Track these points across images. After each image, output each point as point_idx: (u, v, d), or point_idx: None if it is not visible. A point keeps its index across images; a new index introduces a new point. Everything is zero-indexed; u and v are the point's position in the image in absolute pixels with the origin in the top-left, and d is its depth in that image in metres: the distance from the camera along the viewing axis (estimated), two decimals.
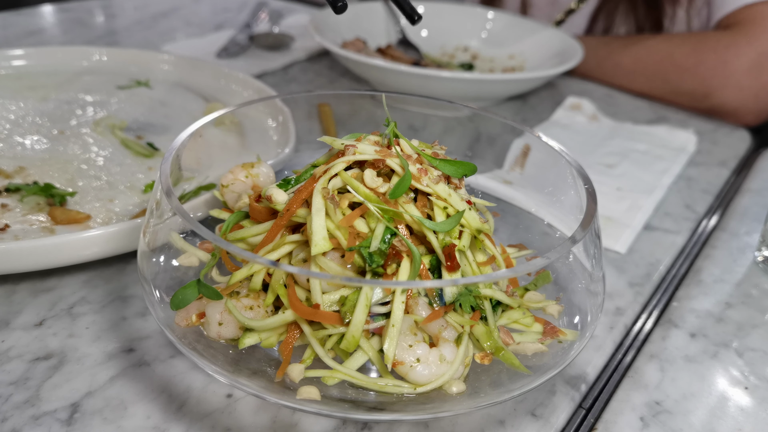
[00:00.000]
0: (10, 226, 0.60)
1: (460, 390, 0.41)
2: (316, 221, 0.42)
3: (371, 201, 0.43)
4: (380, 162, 0.45)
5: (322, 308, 0.41)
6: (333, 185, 0.44)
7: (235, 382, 0.41)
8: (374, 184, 0.44)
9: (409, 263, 0.42)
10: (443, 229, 0.43)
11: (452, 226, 0.43)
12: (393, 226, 0.43)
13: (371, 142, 0.47)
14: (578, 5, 1.28)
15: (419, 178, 0.44)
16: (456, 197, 0.45)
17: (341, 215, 0.43)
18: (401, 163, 0.45)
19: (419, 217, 0.43)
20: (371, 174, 0.45)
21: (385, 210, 0.43)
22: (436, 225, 0.43)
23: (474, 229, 0.45)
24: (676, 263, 0.70)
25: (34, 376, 0.48)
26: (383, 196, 0.44)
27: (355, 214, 0.43)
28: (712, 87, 1.04)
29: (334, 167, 0.45)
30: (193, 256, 0.49)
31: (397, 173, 0.45)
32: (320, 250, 0.41)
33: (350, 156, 0.45)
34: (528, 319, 0.47)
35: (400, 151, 0.46)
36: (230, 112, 0.56)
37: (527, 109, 1.05)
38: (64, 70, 0.95)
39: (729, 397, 0.52)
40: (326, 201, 0.43)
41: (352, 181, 0.44)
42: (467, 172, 0.47)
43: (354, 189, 0.44)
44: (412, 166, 0.45)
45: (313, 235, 0.41)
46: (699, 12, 1.16)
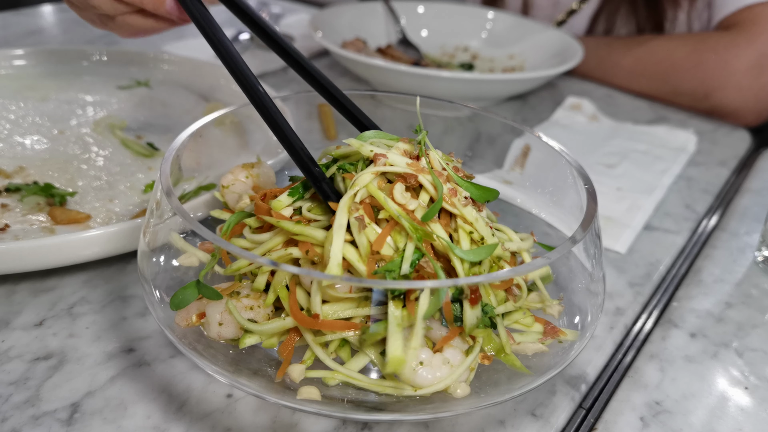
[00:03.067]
0: (10, 226, 0.60)
1: (464, 393, 0.41)
2: (335, 244, 0.40)
3: (403, 217, 0.41)
4: (412, 177, 0.43)
5: (322, 318, 0.41)
6: (359, 197, 0.42)
7: (235, 382, 0.41)
8: (404, 200, 0.42)
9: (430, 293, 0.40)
10: (473, 259, 0.41)
11: (484, 257, 0.42)
12: (422, 246, 0.41)
13: (401, 151, 0.45)
14: (580, 6, 1.28)
15: (449, 198, 0.43)
16: (482, 222, 0.44)
17: (364, 237, 0.41)
18: (434, 182, 0.43)
19: (448, 243, 0.41)
20: (401, 189, 0.43)
21: (416, 229, 0.41)
22: (466, 254, 0.41)
23: (495, 258, 0.44)
24: (676, 263, 0.70)
25: (34, 376, 0.48)
26: (412, 213, 0.42)
27: (385, 233, 0.41)
28: (712, 87, 1.04)
29: (362, 178, 0.43)
30: (193, 256, 0.49)
31: (426, 190, 0.43)
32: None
33: (381, 167, 0.43)
34: (528, 319, 0.47)
35: (431, 165, 0.44)
36: (230, 112, 0.56)
37: (527, 109, 1.05)
38: (64, 70, 0.95)
39: (729, 397, 0.52)
40: (351, 217, 0.41)
41: (382, 196, 0.42)
42: (490, 197, 0.46)
43: (382, 204, 0.42)
44: (443, 185, 0.43)
45: (330, 260, 0.40)
46: (700, 14, 1.16)
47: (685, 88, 1.07)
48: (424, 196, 0.44)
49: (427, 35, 1.27)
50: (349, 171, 0.46)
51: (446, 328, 0.42)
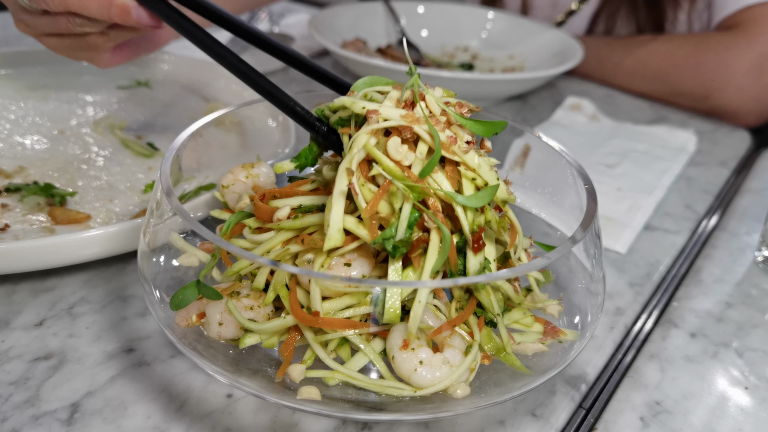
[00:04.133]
0: (10, 226, 0.60)
1: (465, 393, 0.41)
2: (335, 210, 0.40)
3: (396, 177, 0.40)
4: (407, 130, 0.41)
5: (322, 315, 0.41)
6: (356, 160, 0.41)
7: (235, 382, 0.41)
8: (399, 155, 0.41)
9: (438, 242, 0.39)
10: (475, 204, 0.40)
11: (485, 201, 0.40)
12: (420, 203, 0.40)
13: (394, 101, 0.43)
14: (579, 6, 1.28)
15: (449, 147, 0.41)
16: (485, 166, 0.42)
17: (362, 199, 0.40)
18: (431, 131, 0.41)
19: (451, 192, 0.40)
20: (396, 144, 0.41)
21: (412, 188, 0.39)
22: (467, 199, 0.40)
23: (500, 200, 0.43)
24: (676, 263, 0.70)
25: (34, 376, 0.48)
26: (408, 170, 0.41)
27: (379, 196, 0.40)
28: (712, 88, 1.04)
29: (358, 140, 0.41)
30: (193, 256, 0.49)
31: (424, 140, 0.41)
32: (334, 244, 0.40)
33: (374, 125, 0.41)
34: (528, 319, 0.47)
35: (427, 111, 0.42)
36: (230, 112, 0.56)
37: (527, 109, 1.05)
38: (64, 70, 0.94)
39: (729, 397, 0.52)
40: (351, 179, 0.40)
41: (379, 155, 0.41)
42: (497, 130, 0.44)
43: (379, 162, 0.40)
44: (441, 132, 0.41)
45: (330, 227, 0.39)
46: (700, 15, 1.16)
47: (685, 89, 1.07)
48: (423, 147, 0.42)
49: (427, 35, 1.27)
50: (344, 126, 0.44)
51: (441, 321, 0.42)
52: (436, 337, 0.42)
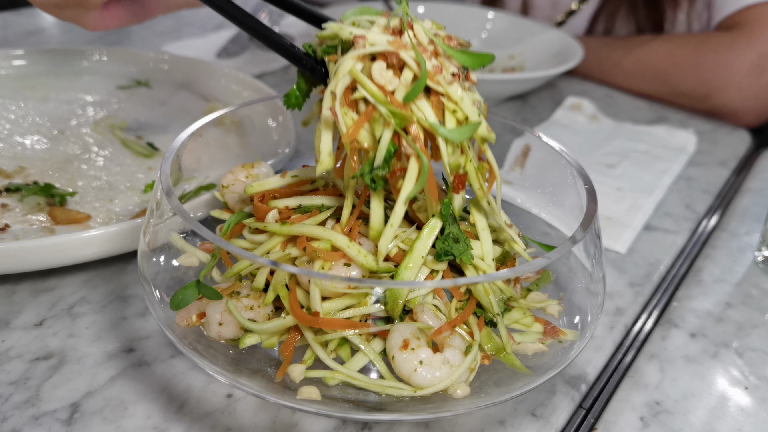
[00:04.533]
0: (10, 226, 0.60)
1: (465, 393, 0.41)
2: (324, 137, 0.40)
3: (379, 101, 0.40)
4: (393, 55, 0.40)
5: (322, 315, 0.41)
6: (341, 85, 0.41)
7: (235, 382, 0.41)
8: (383, 80, 0.40)
9: (417, 171, 0.39)
10: (456, 138, 0.40)
11: (466, 136, 0.40)
12: (401, 130, 0.39)
13: (381, 28, 0.42)
14: (579, 6, 1.28)
15: (433, 76, 0.40)
16: (468, 101, 0.42)
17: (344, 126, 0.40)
18: (417, 58, 0.40)
19: (434, 123, 0.40)
20: (380, 68, 0.40)
21: (394, 113, 0.39)
22: (449, 132, 0.40)
23: (480, 138, 0.42)
24: (676, 263, 0.70)
25: (34, 376, 0.48)
26: (392, 95, 0.40)
27: (361, 121, 0.40)
28: (712, 88, 1.04)
29: (343, 65, 0.40)
30: (193, 256, 0.49)
31: (410, 67, 0.40)
32: (325, 167, 0.40)
33: (360, 50, 0.40)
34: (528, 319, 0.47)
35: (414, 39, 0.41)
36: (230, 112, 0.56)
37: (527, 109, 1.05)
38: (64, 70, 0.95)
39: (729, 397, 0.52)
40: (334, 105, 0.39)
41: (362, 77, 0.40)
42: (485, 62, 0.43)
43: (362, 85, 0.40)
44: (428, 60, 0.41)
45: (320, 153, 0.40)
46: (699, 15, 1.16)
47: (685, 89, 1.07)
48: (408, 73, 0.41)
49: None
50: (331, 53, 0.44)
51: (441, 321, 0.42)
52: (436, 337, 0.42)
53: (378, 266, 0.42)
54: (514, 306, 0.48)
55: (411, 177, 0.40)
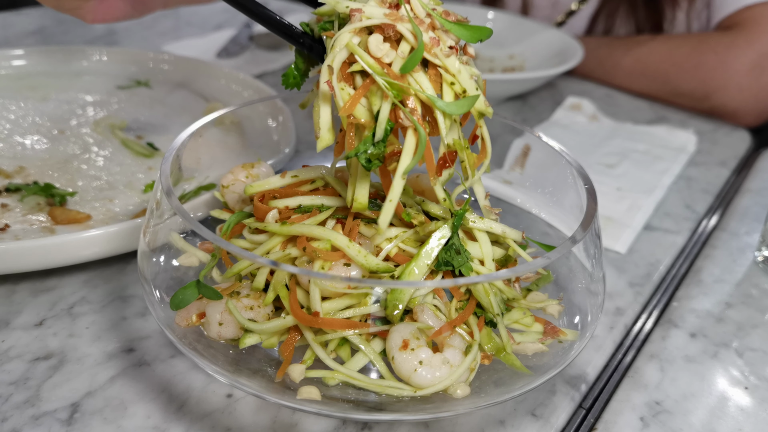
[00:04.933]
0: (10, 226, 0.60)
1: (465, 393, 0.41)
2: (322, 112, 0.40)
3: (376, 73, 0.39)
4: (390, 27, 0.40)
5: (322, 315, 0.41)
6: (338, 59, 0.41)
7: (235, 382, 0.41)
8: (380, 52, 0.40)
9: (414, 144, 0.39)
10: (454, 111, 0.40)
11: (464, 110, 0.40)
12: (399, 102, 0.39)
13: (378, 1, 0.42)
14: (579, 6, 1.28)
15: (430, 48, 0.40)
16: (465, 74, 0.41)
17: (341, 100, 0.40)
18: (414, 30, 0.40)
19: (432, 96, 0.40)
20: (377, 41, 0.40)
21: (392, 84, 0.39)
22: (447, 105, 0.40)
23: (477, 112, 0.42)
24: (676, 263, 0.70)
25: (34, 376, 0.48)
26: (389, 68, 0.40)
27: (358, 94, 0.40)
28: (712, 88, 1.04)
29: (340, 39, 0.40)
30: (193, 256, 0.49)
31: (407, 40, 0.40)
32: (326, 144, 0.40)
33: (357, 23, 0.40)
34: (528, 319, 0.47)
35: (411, 13, 0.41)
36: (230, 112, 0.56)
37: (527, 109, 1.05)
38: (64, 70, 0.94)
39: (729, 397, 0.52)
40: (331, 78, 0.39)
41: (358, 50, 0.40)
42: (482, 36, 0.43)
43: (360, 58, 0.40)
44: (425, 33, 0.40)
45: (320, 129, 0.40)
46: (699, 14, 1.16)
47: (685, 89, 1.07)
48: (405, 46, 0.41)
49: None
50: (329, 30, 0.44)
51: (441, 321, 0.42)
52: (437, 337, 0.42)
53: (378, 266, 0.42)
54: (514, 306, 0.48)
55: (408, 150, 0.39)
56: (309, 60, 0.47)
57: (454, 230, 0.44)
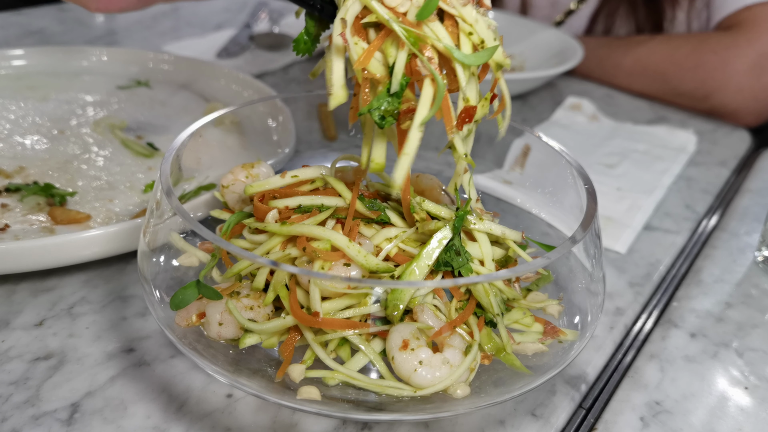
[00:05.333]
0: (10, 226, 0.60)
1: (465, 393, 0.41)
2: (335, 67, 0.38)
3: (392, 20, 0.38)
4: None
5: (322, 316, 0.41)
6: (351, 12, 0.39)
7: (235, 382, 0.41)
8: (394, 2, 0.39)
9: (432, 95, 0.38)
10: (473, 62, 0.39)
11: (483, 60, 0.39)
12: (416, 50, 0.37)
13: None
14: (578, 6, 1.28)
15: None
16: (483, 24, 0.40)
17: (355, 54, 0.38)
18: None
19: (450, 46, 0.38)
20: None
21: (408, 32, 0.38)
22: (465, 56, 0.39)
23: (495, 64, 0.41)
24: (676, 263, 0.70)
25: (34, 376, 0.48)
26: (404, 17, 0.39)
27: (374, 46, 0.38)
28: (712, 88, 1.04)
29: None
30: (193, 256, 0.49)
31: None
32: (339, 101, 0.39)
33: None
34: (528, 319, 0.47)
35: None
36: (230, 112, 0.56)
37: (527, 109, 1.05)
38: (64, 70, 0.94)
39: (729, 397, 0.52)
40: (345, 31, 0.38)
41: (372, 2, 0.39)
42: None
43: (373, 10, 0.39)
44: None
45: (333, 86, 0.38)
46: (699, 14, 1.16)
47: (685, 89, 1.07)
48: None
49: None
50: None
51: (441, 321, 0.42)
52: (437, 338, 0.42)
53: (378, 266, 0.42)
54: (514, 306, 0.48)
55: (426, 101, 0.38)
56: (320, 23, 0.46)
57: (455, 231, 0.44)
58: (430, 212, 0.48)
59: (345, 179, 0.51)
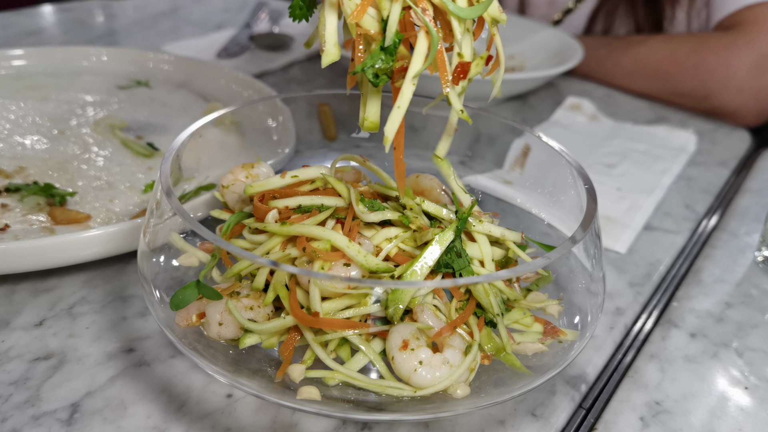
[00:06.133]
0: (10, 226, 0.60)
1: (465, 394, 0.41)
2: (328, 24, 0.38)
3: None
4: None
5: (322, 316, 0.41)
6: None
7: (235, 382, 0.41)
8: None
9: (426, 47, 0.37)
10: (468, 15, 0.38)
11: (478, 13, 0.39)
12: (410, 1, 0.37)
13: None
14: (576, 5, 1.28)
15: None
16: None
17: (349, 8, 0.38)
18: None
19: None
20: None
21: None
22: (459, 9, 0.38)
23: (490, 18, 0.41)
24: (676, 263, 0.70)
25: (34, 376, 0.48)
26: None
27: (367, 2, 0.38)
28: (712, 88, 1.04)
29: None
30: (193, 256, 0.49)
31: None
32: (331, 59, 0.38)
33: None
34: (528, 319, 0.47)
35: None
36: (230, 112, 0.56)
37: (527, 109, 1.05)
38: (64, 70, 0.95)
39: (729, 397, 0.52)
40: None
41: None
42: None
43: None
44: None
45: (326, 43, 0.38)
46: (699, 13, 1.16)
47: (685, 89, 1.07)
48: None
49: None
50: None
51: (441, 322, 0.42)
52: (437, 338, 0.42)
53: (377, 266, 0.42)
54: (514, 306, 0.48)
55: (420, 54, 0.38)
56: None
57: (457, 234, 0.44)
58: (430, 213, 0.48)
59: (345, 179, 0.51)
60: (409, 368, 0.40)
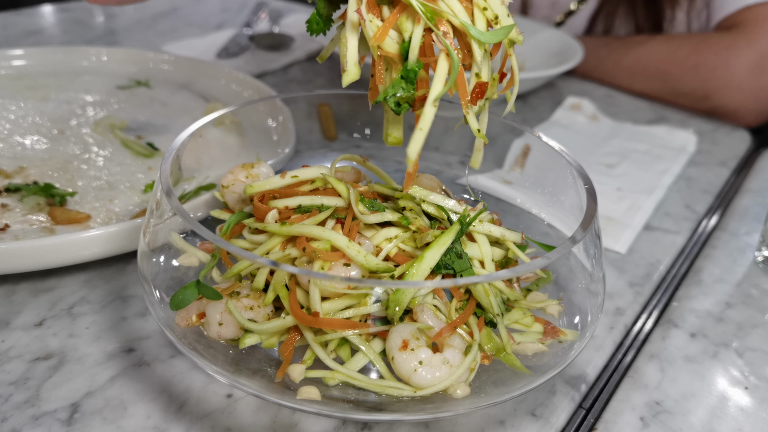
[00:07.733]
0: (10, 226, 0.60)
1: (465, 394, 0.41)
2: (350, 44, 0.38)
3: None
4: None
5: (322, 316, 0.41)
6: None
7: (235, 382, 0.41)
8: None
9: (446, 70, 0.38)
10: (488, 40, 0.38)
11: (499, 38, 0.39)
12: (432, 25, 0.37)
13: None
14: (578, 6, 1.28)
15: None
16: (497, 0, 0.40)
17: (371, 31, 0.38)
18: None
19: (466, 23, 0.38)
20: None
21: (424, 5, 0.38)
22: (482, 34, 0.38)
23: (508, 40, 0.41)
24: (676, 263, 0.70)
25: (34, 376, 0.48)
26: None
27: (389, 21, 0.38)
28: (712, 88, 1.04)
29: None
30: (193, 256, 0.49)
31: None
32: (351, 78, 0.39)
33: None
34: (528, 319, 0.47)
35: None
36: (230, 112, 0.56)
37: (527, 109, 1.05)
38: (64, 70, 0.95)
39: (729, 397, 0.52)
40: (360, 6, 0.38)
41: None
42: None
43: None
44: None
45: (347, 62, 0.38)
46: (699, 14, 1.16)
47: (685, 89, 1.07)
48: None
49: None
50: None
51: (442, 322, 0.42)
52: (437, 339, 0.42)
53: (377, 266, 0.42)
54: (514, 306, 0.48)
55: (440, 76, 0.38)
56: (330, 3, 0.46)
57: (458, 236, 0.44)
58: (431, 213, 0.48)
59: (345, 179, 0.51)
60: (409, 368, 0.40)
